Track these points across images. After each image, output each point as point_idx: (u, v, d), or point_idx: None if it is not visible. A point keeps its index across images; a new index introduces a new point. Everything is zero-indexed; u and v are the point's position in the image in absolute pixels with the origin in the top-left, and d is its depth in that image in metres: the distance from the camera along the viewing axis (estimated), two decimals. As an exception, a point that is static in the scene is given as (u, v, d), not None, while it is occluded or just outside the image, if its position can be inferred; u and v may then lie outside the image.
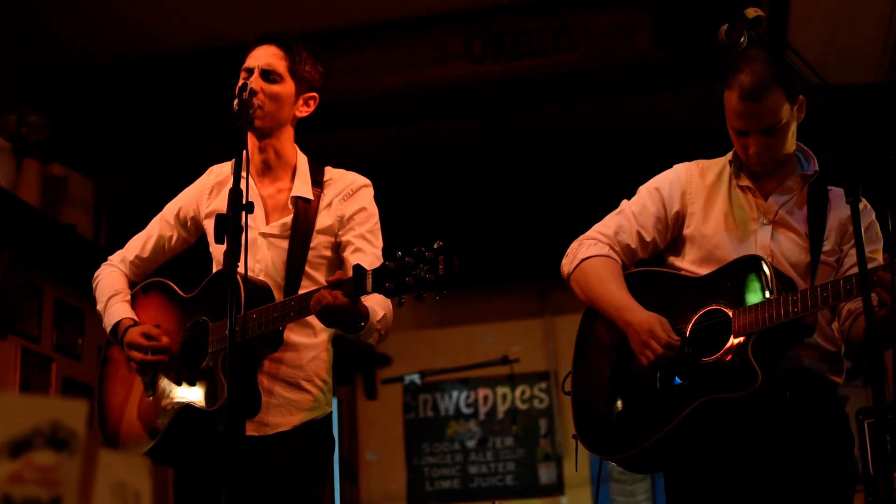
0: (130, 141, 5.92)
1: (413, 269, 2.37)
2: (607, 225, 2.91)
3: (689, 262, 2.82)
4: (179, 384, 2.84)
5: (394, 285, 2.40)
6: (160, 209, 3.14)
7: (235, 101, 2.64)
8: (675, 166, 2.94)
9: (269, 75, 2.90)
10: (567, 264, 2.91)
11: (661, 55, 5.30)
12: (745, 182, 2.80)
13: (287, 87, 2.93)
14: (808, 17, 4.95)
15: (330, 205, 2.92)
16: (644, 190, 2.92)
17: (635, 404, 2.70)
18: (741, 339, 2.54)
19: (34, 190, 5.17)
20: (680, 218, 2.86)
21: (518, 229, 6.65)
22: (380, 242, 2.89)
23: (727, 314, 2.59)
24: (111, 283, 3.06)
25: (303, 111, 2.99)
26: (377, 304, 2.68)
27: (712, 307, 2.64)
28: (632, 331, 2.69)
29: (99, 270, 3.13)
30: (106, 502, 0.94)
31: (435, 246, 2.38)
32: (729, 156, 2.85)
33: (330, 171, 3.00)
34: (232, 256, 2.33)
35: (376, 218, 2.93)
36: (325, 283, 2.54)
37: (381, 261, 2.71)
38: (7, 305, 4.94)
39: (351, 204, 2.91)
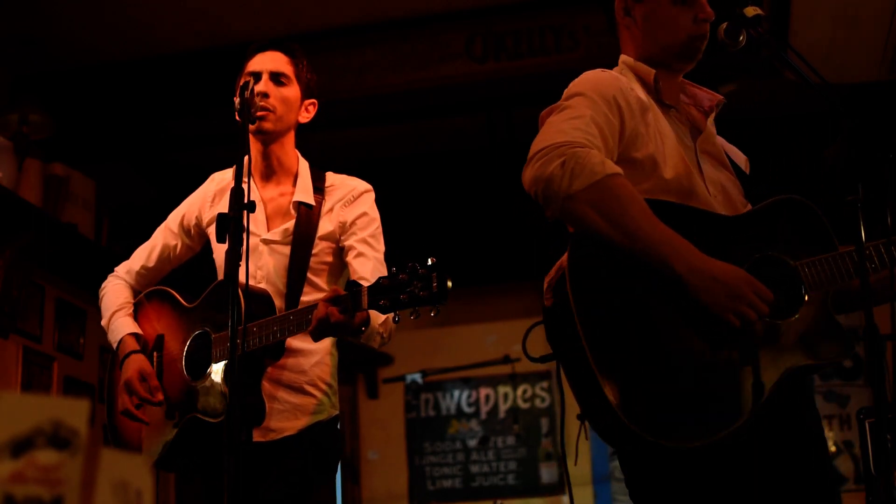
0: (132, 140, 5.92)
1: (407, 286, 2.36)
2: (588, 132, 2.16)
3: (645, 193, 2.17)
4: (184, 398, 2.83)
5: (388, 302, 2.39)
6: (162, 208, 3.13)
7: (237, 99, 2.62)
8: (604, 71, 2.38)
9: (278, 78, 2.91)
10: (565, 175, 2.08)
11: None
12: (670, 101, 2.38)
13: (294, 91, 2.95)
14: (810, 15, 4.95)
15: (331, 210, 2.91)
16: (598, 97, 2.25)
17: (707, 376, 2.07)
18: (817, 297, 2.14)
19: (36, 189, 5.17)
20: (629, 137, 2.26)
21: (518, 229, 6.64)
22: (381, 247, 2.88)
23: (791, 266, 2.16)
24: (115, 297, 3.06)
25: (304, 117, 3.00)
26: None
27: (767, 255, 2.18)
28: (708, 283, 2.03)
29: (105, 283, 3.12)
30: (108, 501, 0.94)
31: (429, 262, 2.36)
32: (630, 62, 2.45)
33: (331, 177, 2.99)
34: (233, 257, 2.32)
35: (378, 222, 2.92)
36: (322, 299, 2.50)
37: (383, 265, 2.77)
38: (9, 305, 4.94)
39: (352, 209, 2.90)
